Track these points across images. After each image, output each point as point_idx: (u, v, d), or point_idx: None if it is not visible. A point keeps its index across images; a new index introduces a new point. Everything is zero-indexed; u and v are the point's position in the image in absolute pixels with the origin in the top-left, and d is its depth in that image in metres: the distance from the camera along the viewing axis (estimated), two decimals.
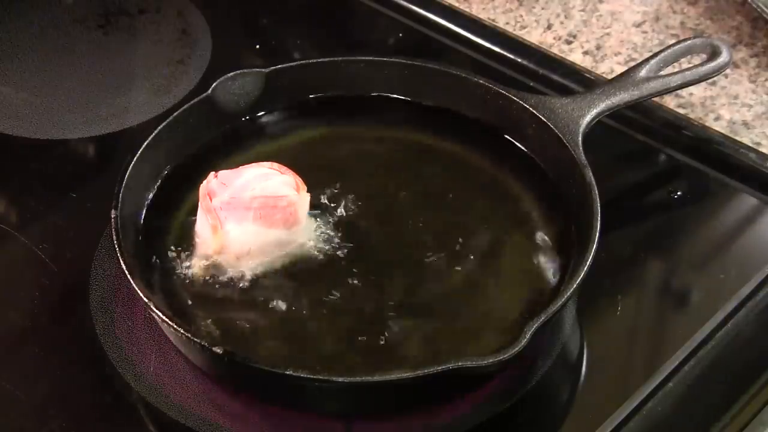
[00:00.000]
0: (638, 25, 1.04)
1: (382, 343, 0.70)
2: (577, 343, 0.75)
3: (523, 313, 0.72)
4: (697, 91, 0.96)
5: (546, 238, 0.78)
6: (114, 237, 0.72)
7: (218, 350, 0.65)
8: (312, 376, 0.64)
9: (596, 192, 0.75)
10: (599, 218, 0.72)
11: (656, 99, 0.89)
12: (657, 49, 0.89)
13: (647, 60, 0.86)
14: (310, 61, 0.90)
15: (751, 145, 0.90)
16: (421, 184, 0.82)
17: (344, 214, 0.79)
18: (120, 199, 0.75)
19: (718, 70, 0.86)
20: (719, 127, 0.92)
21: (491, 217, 0.80)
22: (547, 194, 0.81)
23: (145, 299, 0.68)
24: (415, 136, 0.88)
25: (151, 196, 0.80)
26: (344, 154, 0.85)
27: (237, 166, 0.78)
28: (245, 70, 0.86)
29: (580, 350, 0.75)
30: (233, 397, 0.71)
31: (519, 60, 0.99)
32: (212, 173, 0.77)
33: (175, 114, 0.83)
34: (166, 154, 0.82)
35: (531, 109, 0.83)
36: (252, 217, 0.74)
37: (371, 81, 0.89)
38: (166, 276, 0.75)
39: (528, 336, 0.64)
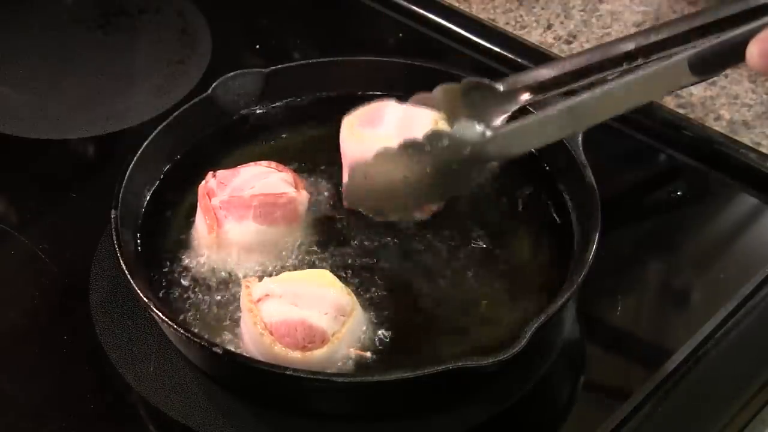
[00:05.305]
0: (638, 25, 1.04)
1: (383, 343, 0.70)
2: (577, 343, 0.75)
3: (523, 312, 0.72)
4: (697, 91, 0.95)
5: (546, 238, 0.78)
6: (114, 237, 0.72)
7: (218, 350, 0.65)
8: (312, 377, 0.64)
9: (596, 192, 0.75)
10: (599, 218, 0.72)
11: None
12: None
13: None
14: (310, 61, 0.90)
15: (751, 145, 0.89)
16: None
17: (344, 212, 0.79)
18: (120, 199, 0.75)
19: None
20: (719, 127, 0.92)
21: (491, 216, 0.80)
22: (547, 194, 0.81)
23: (145, 299, 0.68)
24: None
25: (150, 196, 0.80)
26: None
27: (236, 165, 0.78)
28: (245, 70, 0.86)
29: (580, 350, 0.75)
30: (233, 397, 0.71)
31: (519, 60, 0.99)
32: (210, 173, 0.77)
33: (176, 114, 0.83)
34: (165, 154, 0.82)
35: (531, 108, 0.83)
36: (252, 215, 0.74)
37: (371, 81, 0.89)
38: (166, 276, 0.75)
39: (528, 336, 0.64)
